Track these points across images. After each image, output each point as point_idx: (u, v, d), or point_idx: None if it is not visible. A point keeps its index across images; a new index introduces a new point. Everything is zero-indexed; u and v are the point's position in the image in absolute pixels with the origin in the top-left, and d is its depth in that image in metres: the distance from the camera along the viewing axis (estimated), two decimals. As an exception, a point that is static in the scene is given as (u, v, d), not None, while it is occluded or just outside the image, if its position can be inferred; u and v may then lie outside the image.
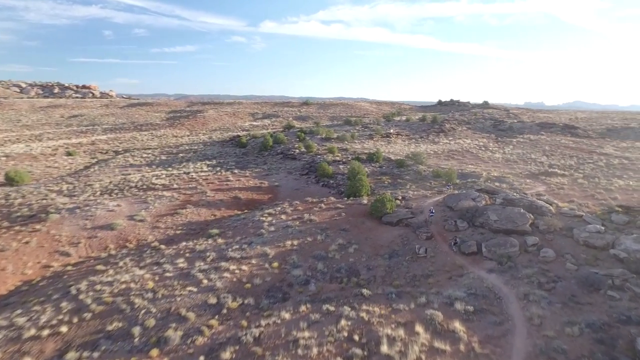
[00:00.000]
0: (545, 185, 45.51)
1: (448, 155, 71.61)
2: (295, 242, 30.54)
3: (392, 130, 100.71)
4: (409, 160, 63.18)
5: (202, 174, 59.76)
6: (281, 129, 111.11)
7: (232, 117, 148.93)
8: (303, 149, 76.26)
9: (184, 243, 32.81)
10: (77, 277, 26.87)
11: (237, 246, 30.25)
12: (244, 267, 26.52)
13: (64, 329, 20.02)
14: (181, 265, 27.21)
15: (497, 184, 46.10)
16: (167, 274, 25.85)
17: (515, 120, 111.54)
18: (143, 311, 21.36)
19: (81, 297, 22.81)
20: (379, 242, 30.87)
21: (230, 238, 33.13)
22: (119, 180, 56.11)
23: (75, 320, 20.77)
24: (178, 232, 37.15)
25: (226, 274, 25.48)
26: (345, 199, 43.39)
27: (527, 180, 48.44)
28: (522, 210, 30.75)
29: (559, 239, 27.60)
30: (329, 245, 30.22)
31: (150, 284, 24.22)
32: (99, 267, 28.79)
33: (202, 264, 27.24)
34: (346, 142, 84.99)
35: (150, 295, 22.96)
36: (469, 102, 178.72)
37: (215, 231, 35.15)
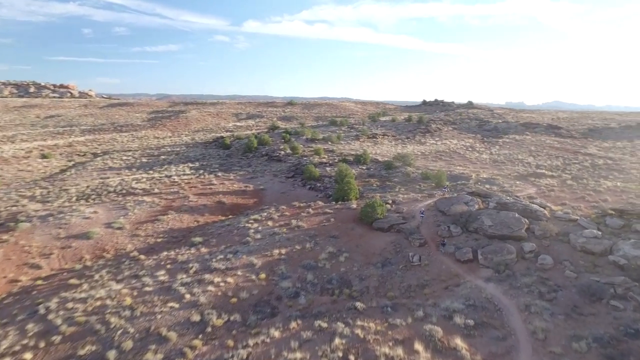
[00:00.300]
0: (535, 187, 45.04)
1: (436, 156, 71.04)
2: (283, 251, 29.09)
3: (378, 131, 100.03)
4: (397, 161, 62.30)
5: (185, 177, 57.68)
6: (266, 130, 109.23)
7: (215, 118, 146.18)
8: (288, 151, 74.68)
9: (165, 253, 30.97)
10: (47, 294, 24.79)
11: (222, 256, 28.61)
12: (230, 279, 24.94)
13: (27, 356, 18.07)
14: (162, 278, 25.44)
15: (487, 186, 45.45)
16: (147, 289, 24.07)
17: (500, 121, 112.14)
18: (119, 332, 19.61)
19: (50, 317, 20.87)
20: (370, 249, 29.64)
21: (214, 247, 31.45)
22: (96, 185, 53.65)
23: (42, 344, 18.84)
24: (159, 240, 35.23)
25: (210, 288, 23.87)
26: (334, 203, 42.10)
27: (517, 182, 47.94)
28: (516, 214, 29.95)
29: (556, 244, 26.82)
30: (319, 253, 28.86)
31: (128, 300, 22.43)
32: (73, 280, 26.73)
33: (184, 276, 25.52)
34: (332, 143, 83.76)
35: (127, 313, 21.19)
36: (453, 102, 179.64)
37: (198, 239, 33.39)
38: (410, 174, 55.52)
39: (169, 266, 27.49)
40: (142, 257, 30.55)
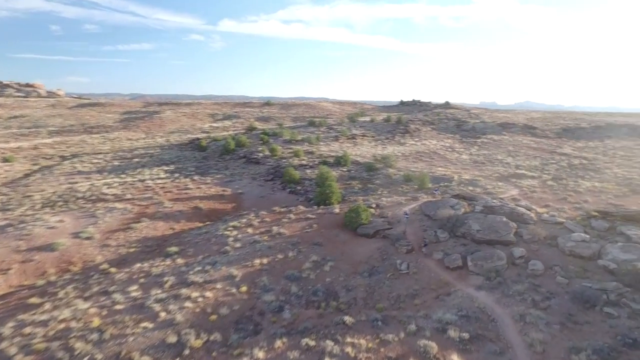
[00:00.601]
0: (517, 189, 44.94)
1: (416, 157, 70.76)
2: (265, 261, 27.56)
3: (357, 132, 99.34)
4: (378, 163, 61.56)
5: (159, 181, 55.19)
6: (243, 131, 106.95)
7: (190, 119, 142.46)
8: (267, 153, 72.91)
9: (138, 265, 28.89)
10: (1, 316, 22.45)
11: (200, 267, 26.84)
12: (208, 294, 23.26)
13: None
14: (134, 294, 23.48)
15: (470, 188, 45.08)
16: (118, 307, 22.09)
17: (478, 121, 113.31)
18: (85, 359, 17.71)
19: (3, 345, 18.65)
20: (356, 257, 28.47)
21: (192, 257, 29.60)
22: (64, 190, 50.59)
23: (-7, 379, 16.83)
24: (131, 250, 33.05)
25: (188, 304, 22.13)
26: (316, 207, 40.83)
27: (499, 184, 47.84)
28: (504, 218, 29.37)
29: (545, 249, 26.33)
30: (302, 262, 27.48)
31: (96, 322, 20.45)
32: (33, 300, 24.36)
33: (159, 291, 23.64)
34: (312, 145, 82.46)
35: (95, 336, 19.22)
36: (430, 102, 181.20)
37: (174, 249, 31.45)
38: (392, 175, 54.83)
39: (142, 280, 25.51)
40: (113, 270, 28.37)
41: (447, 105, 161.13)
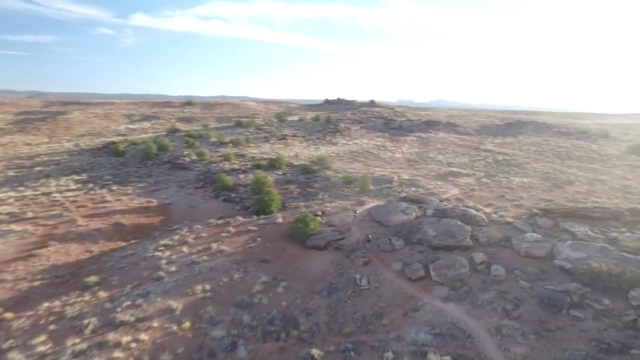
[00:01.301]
0: (457, 187, 45.61)
1: (351, 158, 70.09)
2: (208, 286, 23.95)
3: (287, 132, 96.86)
4: (314, 165, 59.63)
5: (70, 194, 47.75)
6: (165, 133, 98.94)
7: (103, 120, 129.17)
8: (194, 157, 67.50)
9: (45, 304, 23.44)
10: None
11: (129, 301, 22.41)
12: (144, 336, 19.18)
13: None
14: (41, 348, 18.42)
15: (413, 188, 44.84)
16: (18, 370, 17.24)
17: (404, 119, 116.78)
18: None
19: None
20: (310, 273, 26.01)
21: (117, 288, 24.88)
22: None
23: None
24: (36, 284, 27.14)
25: (118, 354, 17.91)
26: (255, 217, 37.66)
27: (439, 183, 48.34)
28: (458, 222, 28.81)
29: (502, 251, 26.07)
30: (252, 285, 24.35)
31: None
32: None
33: (77, 340, 18.94)
34: (242, 147, 78.40)
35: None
36: (355, 101, 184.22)
37: (93, 279, 26.31)
38: (331, 178, 53.21)
39: (52, 326, 20.43)
40: (9, 315, 22.47)
41: (372, 103, 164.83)
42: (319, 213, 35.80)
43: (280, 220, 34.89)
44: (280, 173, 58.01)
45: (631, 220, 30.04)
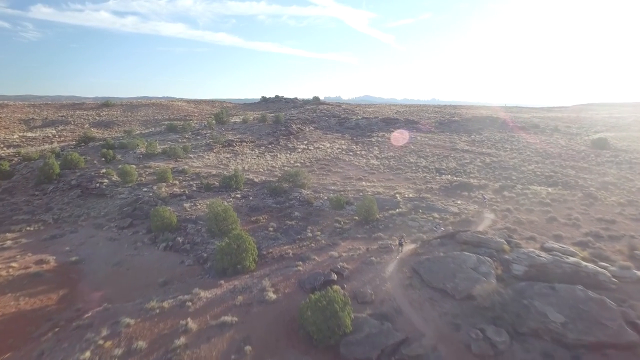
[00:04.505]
0: (487, 209, 34.45)
1: (321, 168, 57.02)
2: None
3: (232, 137, 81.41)
4: (283, 182, 45.75)
5: None
6: (74, 143, 78.26)
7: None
8: (115, 178, 50.13)
9: None
10: None
11: None
12: None
13: None
14: None
15: (435, 215, 32.86)
16: None
17: (359, 117, 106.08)
18: None
19: None
20: None
21: None
22: None
23: None
24: None
25: None
26: (222, 281, 23.64)
27: (458, 202, 36.95)
28: (590, 293, 17.12)
29: None
30: None
31: None
32: None
33: None
34: (180, 159, 61.93)
35: None
36: (296, 98, 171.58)
37: None
38: (312, 201, 39.90)
39: None
40: None
41: (317, 101, 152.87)
42: (333, 276, 22.42)
43: (270, 293, 21.11)
44: (239, 196, 43.49)
45: None
